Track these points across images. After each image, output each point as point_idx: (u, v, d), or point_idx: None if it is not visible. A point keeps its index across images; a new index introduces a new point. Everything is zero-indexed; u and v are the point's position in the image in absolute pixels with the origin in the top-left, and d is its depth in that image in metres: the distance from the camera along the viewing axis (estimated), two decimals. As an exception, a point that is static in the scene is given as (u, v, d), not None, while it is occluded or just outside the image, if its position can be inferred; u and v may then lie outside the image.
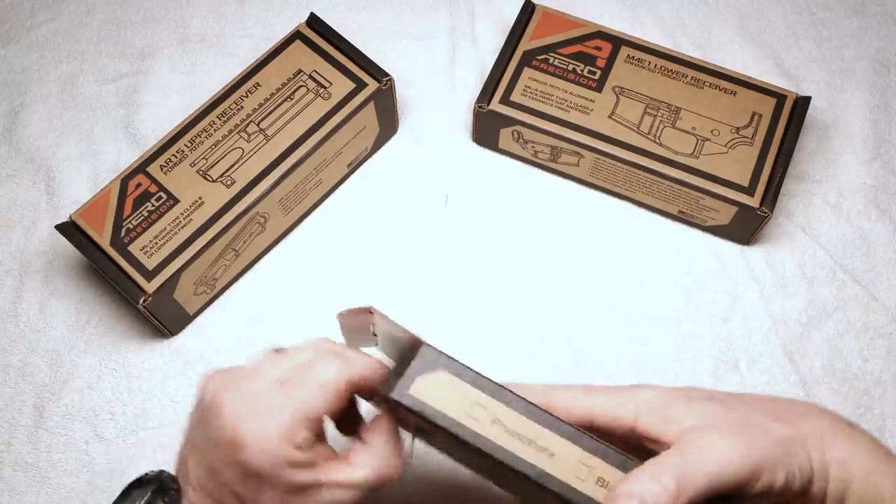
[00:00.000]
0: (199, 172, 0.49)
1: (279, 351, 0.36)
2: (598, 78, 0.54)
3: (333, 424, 0.37)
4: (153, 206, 0.48)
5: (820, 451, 0.31)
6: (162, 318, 0.49)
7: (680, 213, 0.54)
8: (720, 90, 0.53)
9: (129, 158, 0.55)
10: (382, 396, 0.33)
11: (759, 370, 0.50)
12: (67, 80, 0.60)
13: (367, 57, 0.53)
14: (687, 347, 0.50)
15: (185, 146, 0.50)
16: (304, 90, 0.52)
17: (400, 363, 0.33)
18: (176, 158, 0.50)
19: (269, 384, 0.34)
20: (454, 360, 0.33)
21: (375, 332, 0.37)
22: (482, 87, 0.54)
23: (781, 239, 0.54)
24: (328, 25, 0.54)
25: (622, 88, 0.53)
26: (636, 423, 0.32)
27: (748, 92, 0.53)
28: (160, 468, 0.36)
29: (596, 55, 0.55)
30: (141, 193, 0.49)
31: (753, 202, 0.50)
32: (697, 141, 0.52)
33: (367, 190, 0.56)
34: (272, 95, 0.52)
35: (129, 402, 0.49)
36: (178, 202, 0.48)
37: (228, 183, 0.49)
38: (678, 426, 0.31)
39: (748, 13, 0.63)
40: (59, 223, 0.48)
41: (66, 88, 0.60)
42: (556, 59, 0.54)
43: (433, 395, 0.32)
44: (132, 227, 0.48)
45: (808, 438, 0.31)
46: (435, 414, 0.32)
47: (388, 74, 0.52)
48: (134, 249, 0.47)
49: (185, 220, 0.48)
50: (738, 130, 0.52)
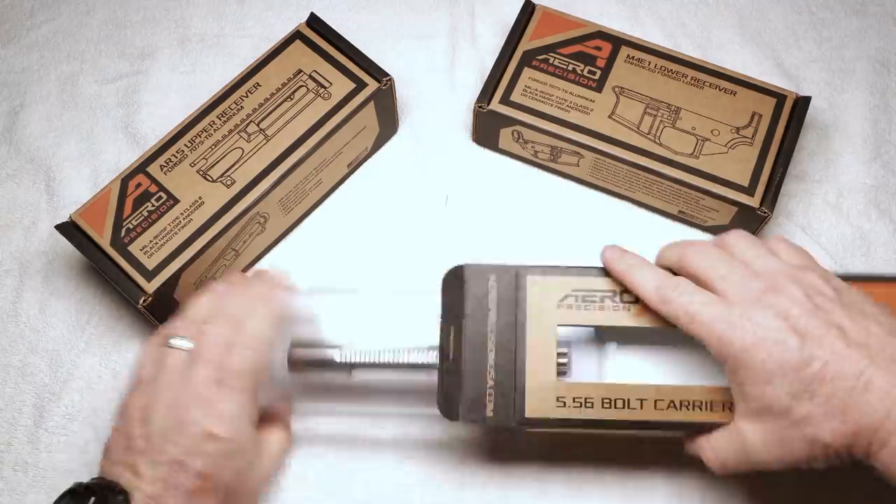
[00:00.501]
0: (199, 172, 0.49)
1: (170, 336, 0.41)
2: (598, 78, 0.54)
3: None
4: (153, 206, 0.48)
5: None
6: (162, 318, 0.48)
7: (680, 213, 0.54)
8: (720, 90, 0.53)
9: (129, 158, 0.55)
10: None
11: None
12: (67, 80, 0.60)
13: (367, 57, 0.53)
14: (687, 347, 0.50)
15: (185, 146, 0.50)
16: (304, 90, 0.52)
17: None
18: (176, 158, 0.50)
19: (208, 380, 0.39)
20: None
21: None
22: (482, 87, 0.54)
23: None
24: (328, 25, 0.54)
25: (622, 88, 0.53)
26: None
27: (748, 92, 0.53)
28: (82, 482, 0.38)
29: (596, 55, 0.55)
30: (141, 193, 0.49)
31: (753, 202, 0.50)
32: (697, 141, 0.52)
33: (367, 190, 0.56)
34: (272, 95, 0.52)
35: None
36: (178, 202, 0.48)
37: (228, 183, 0.49)
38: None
39: (748, 13, 0.63)
40: (59, 223, 0.48)
41: (66, 88, 0.60)
42: (556, 59, 0.54)
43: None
44: (132, 227, 0.48)
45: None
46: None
47: (388, 74, 0.52)
48: (134, 249, 0.47)
49: (185, 220, 0.48)
50: (738, 130, 0.52)
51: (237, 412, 0.39)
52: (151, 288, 0.46)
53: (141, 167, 0.50)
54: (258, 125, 0.51)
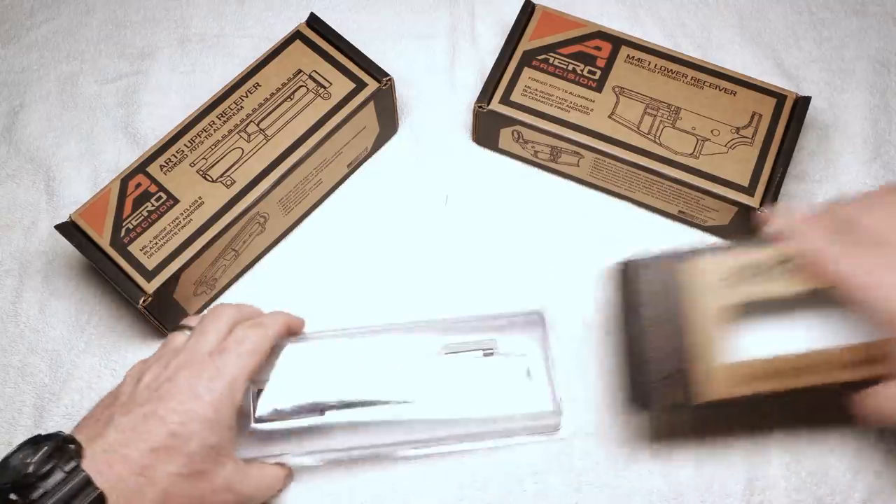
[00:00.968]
0: (199, 172, 0.49)
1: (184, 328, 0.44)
2: (598, 78, 0.54)
3: None
4: (153, 206, 0.48)
5: None
6: (162, 318, 0.49)
7: (680, 213, 0.54)
8: (720, 90, 0.53)
9: (128, 158, 0.55)
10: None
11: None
12: (67, 80, 0.60)
13: (367, 57, 0.53)
14: (687, 347, 0.50)
15: (184, 146, 0.50)
16: (304, 90, 0.52)
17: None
18: (176, 158, 0.50)
19: (207, 348, 0.41)
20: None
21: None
22: (482, 87, 0.54)
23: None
24: (328, 25, 0.54)
25: (622, 88, 0.53)
26: None
27: (748, 92, 0.53)
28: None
29: (596, 55, 0.55)
30: (141, 193, 0.49)
31: (753, 202, 0.50)
32: (697, 141, 0.52)
33: (367, 190, 0.56)
34: (272, 95, 0.52)
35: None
36: (177, 202, 0.48)
37: (228, 183, 0.49)
38: None
39: (748, 13, 0.63)
40: (58, 223, 0.48)
41: (65, 88, 0.60)
42: (556, 59, 0.54)
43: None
44: (132, 227, 0.48)
45: None
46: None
47: (388, 74, 0.52)
48: (134, 249, 0.47)
49: (185, 220, 0.48)
50: (738, 130, 0.52)
51: (224, 381, 0.40)
52: (151, 288, 0.46)
53: (141, 167, 0.50)
54: (258, 125, 0.51)
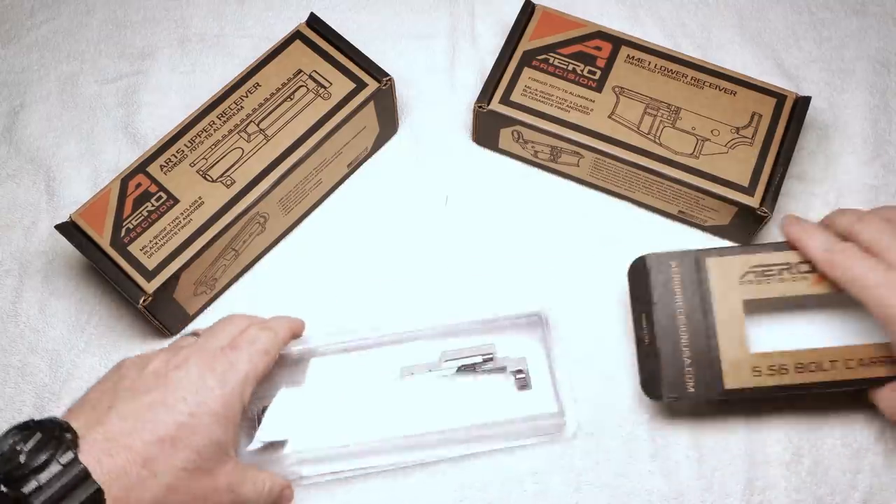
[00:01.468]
0: (199, 172, 0.49)
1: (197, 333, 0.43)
2: (598, 78, 0.54)
3: None
4: (153, 206, 0.48)
5: None
6: (162, 318, 0.49)
7: (680, 213, 0.54)
8: (720, 90, 0.53)
9: (129, 158, 0.55)
10: None
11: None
12: (67, 80, 0.60)
13: (367, 57, 0.53)
14: (687, 347, 0.50)
15: (185, 146, 0.50)
16: (304, 90, 0.52)
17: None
18: (176, 158, 0.50)
19: (218, 346, 0.40)
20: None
21: None
22: (482, 87, 0.54)
23: (781, 239, 0.53)
24: (328, 25, 0.54)
25: (622, 88, 0.53)
26: None
27: (748, 92, 0.53)
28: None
29: (596, 55, 0.55)
30: (141, 193, 0.49)
31: (753, 202, 0.50)
32: (697, 141, 0.52)
33: (367, 190, 0.56)
34: (272, 95, 0.52)
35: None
36: (178, 202, 0.48)
37: (228, 183, 0.49)
38: None
39: (748, 13, 0.63)
40: (58, 223, 0.48)
41: (66, 88, 0.60)
42: (556, 59, 0.54)
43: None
44: (132, 227, 0.48)
45: None
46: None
47: (388, 74, 0.52)
48: (134, 249, 0.47)
49: (185, 220, 0.48)
50: (738, 130, 0.52)
51: (236, 376, 0.38)
52: (151, 288, 0.46)
53: (141, 167, 0.50)
54: (258, 125, 0.51)
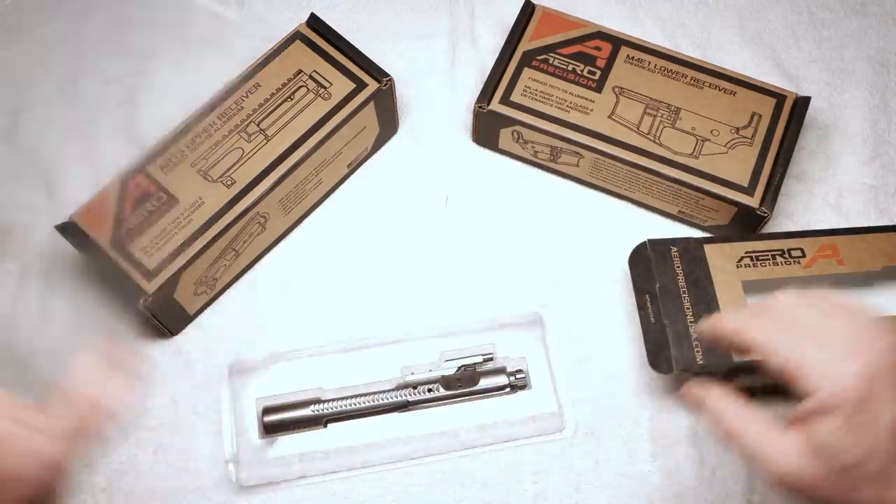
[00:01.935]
0: (199, 173, 0.49)
1: None
2: (597, 78, 0.54)
3: None
4: (153, 206, 0.48)
5: None
6: (162, 318, 0.49)
7: (680, 213, 0.54)
8: (720, 90, 0.53)
9: (129, 158, 0.55)
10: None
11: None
12: (68, 80, 0.60)
13: (367, 57, 0.53)
14: (687, 347, 0.50)
15: (185, 146, 0.50)
16: (304, 90, 0.52)
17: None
18: (176, 159, 0.50)
19: None
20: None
21: None
22: (482, 87, 0.54)
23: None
24: (328, 26, 0.54)
25: (622, 88, 0.53)
26: None
27: (748, 92, 0.53)
28: None
29: (596, 55, 0.55)
30: (141, 193, 0.49)
31: (753, 202, 0.50)
32: (697, 141, 0.52)
33: (367, 190, 0.56)
34: (272, 96, 0.52)
35: (129, 401, 0.49)
36: (178, 202, 0.48)
37: (228, 183, 0.49)
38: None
39: (748, 13, 0.63)
40: (59, 223, 0.48)
41: (66, 89, 0.60)
42: (555, 59, 0.54)
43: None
44: (132, 227, 0.48)
45: None
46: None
47: (388, 74, 0.52)
48: (134, 249, 0.47)
49: (185, 220, 0.48)
50: (737, 130, 0.52)
51: None
52: (151, 288, 0.46)
53: (141, 167, 0.50)
54: (258, 125, 0.51)
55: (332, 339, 0.50)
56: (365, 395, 0.46)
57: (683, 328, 0.46)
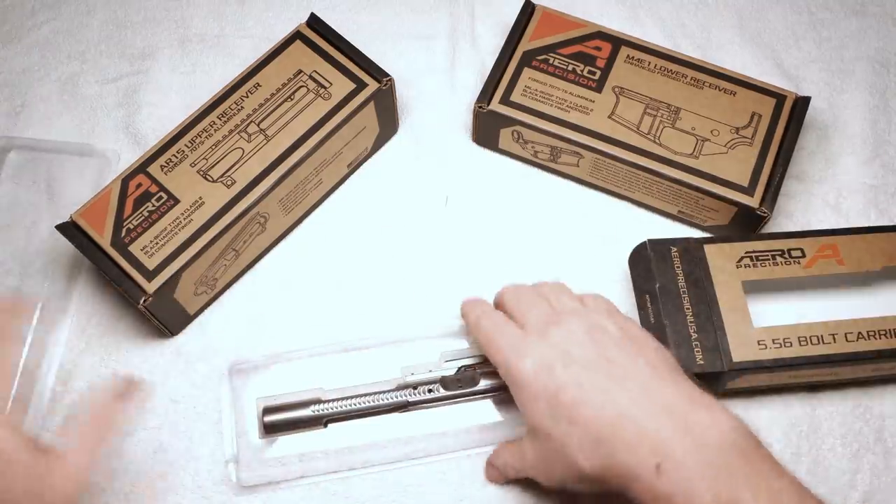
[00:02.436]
0: (199, 172, 0.49)
1: None
2: (597, 78, 0.54)
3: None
4: (153, 206, 0.48)
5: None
6: (162, 318, 0.49)
7: (679, 213, 0.54)
8: (720, 90, 0.53)
9: (129, 158, 0.55)
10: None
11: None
12: (68, 80, 0.60)
13: (367, 57, 0.53)
14: (687, 347, 0.50)
15: (185, 146, 0.50)
16: (304, 90, 0.52)
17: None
18: (176, 158, 0.50)
19: None
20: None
21: None
22: (482, 87, 0.54)
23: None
24: (328, 26, 0.54)
25: (622, 88, 0.53)
26: None
27: (748, 92, 0.53)
28: None
29: (596, 55, 0.55)
30: (141, 194, 0.49)
31: (753, 202, 0.50)
32: (697, 141, 0.52)
33: (367, 190, 0.56)
34: (272, 96, 0.52)
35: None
36: (178, 202, 0.48)
37: (229, 183, 0.49)
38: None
39: (748, 13, 0.63)
40: (59, 223, 0.48)
41: (66, 88, 0.60)
42: (555, 59, 0.54)
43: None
44: (132, 227, 0.48)
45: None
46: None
47: (388, 75, 0.52)
48: (134, 249, 0.47)
49: (185, 220, 0.48)
50: (737, 130, 0.52)
51: None
52: (152, 288, 0.46)
53: (141, 167, 0.50)
54: (258, 125, 0.51)
55: (332, 339, 0.50)
56: (365, 395, 0.46)
57: (683, 328, 0.46)
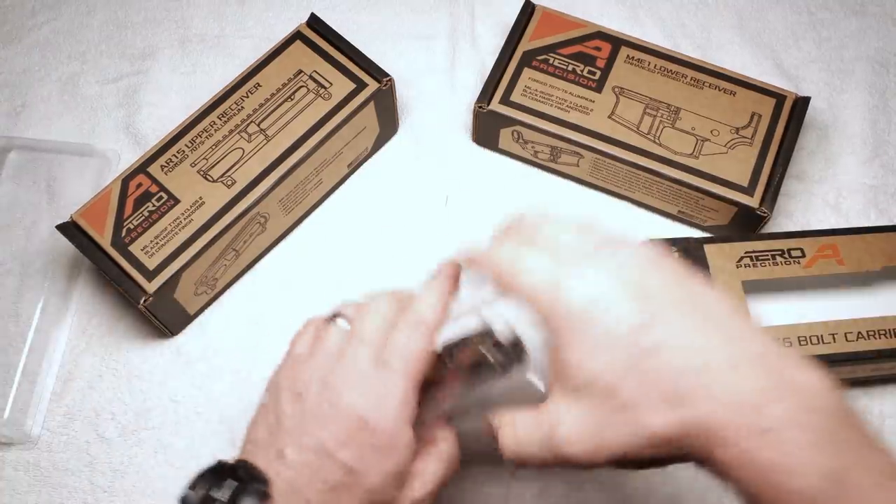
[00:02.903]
0: (199, 172, 0.49)
1: (334, 318, 0.37)
2: (597, 78, 0.54)
3: None
4: (154, 206, 0.48)
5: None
6: (162, 318, 0.49)
7: (679, 213, 0.54)
8: (720, 90, 0.53)
9: (129, 158, 0.55)
10: None
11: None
12: (68, 80, 0.60)
13: (367, 57, 0.53)
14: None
15: (185, 146, 0.50)
16: (304, 90, 0.52)
17: None
18: (176, 159, 0.50)
19: (368, 359, 0.35)
20: None
21: None
22: (482, 87, 0.54)
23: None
24: (328, 26, 0.54)
25: (622, 88, 0.53)
26: None
27: (748, 92, 0.53)
28: (226, 460, 0.34)
29: (596, 55, 0.55)
30: (142, 194, 0.49)
31: (753, 202, 0.50)
32: (697, 141, 0.52)
33: (367, 190, 0.56)
34: (272, 96, 0.52)
35: (129, 401, 0.49)
36: (178, 202, 0.48)
37: (229, 183, 0.49)
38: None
39: (748, 13, 0.63)
40: (59, 223, 0.48)
41: (66, 89, 0.60)
42: (555, 59, 0.54)
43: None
44: (133, 227, 0.48)
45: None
46: None
47: (388, 75, 0.52)
48: (135, 249, 0.47)
49: (185, 220, 0.48)
50: (737, 130, 0.52)
51: (394, 401, 0.33)
52: (152, 288, 0.46)
53: (141, 167, 0.50)
54: (258, 125, 0.51)
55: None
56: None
57: None
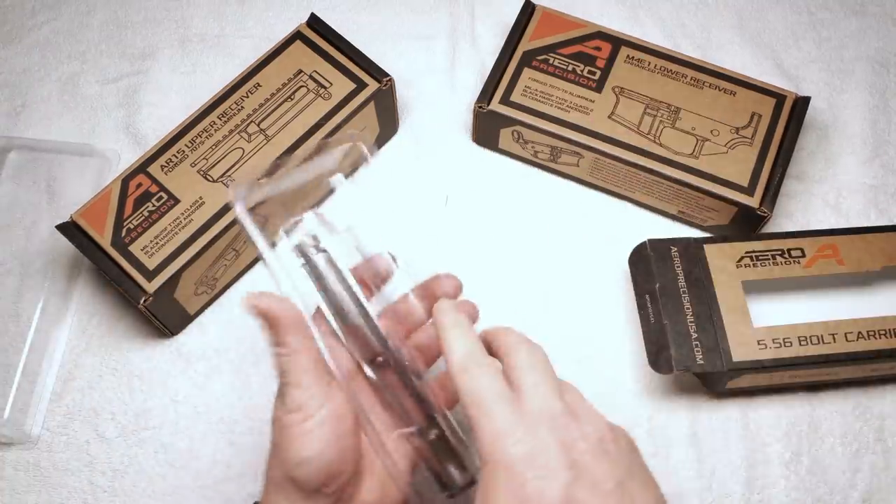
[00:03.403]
0: (199, 172, 0.49)
1: None
2: (597, 78, 0.54)
3: None
4: (154, 206, 0.48)
5: None
6: (162, 318, 0.49)
7: (679, 213, 0.54)
8: (720, 90, 0.53)
9: (129, 158, 0.55)
10: None
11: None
12: (68, 80, 0.60)
13: (367, 57, 0.53)
14: (687, 347, 0.50)
15: (185, 146, 0.50)
16: (304, 90, 0.52)
17: None
18: (177, 158, 0.50)
19: None
20: None
21: None
22: (482, 87, 0.54)
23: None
24: (328, 26, 0.54)
25: (622, 88, 0.53)
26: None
27: (748, 92, 0.53)
28: None
29: (596, 55, 0.55)
30: (142, 193, 0.49)
31: (753, 202, 0.50)
32: (697, 141, 0.52)
33: (367, 190, 0.56)
34: (273, 96, 0.52)
35: (129, 401, 0.49)
36: (178, 202, 0.48)
37: (229, 183, 0.49)
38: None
39: (748, 13, 0.63)
40: (59, 223, 0.48)
41: (66, 88, 0.60)
42: (555, 59, 0.54)
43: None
44: (133, 227, 0.48)
45: None
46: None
47: (388, 75, 0.52)
48: (135, 249, 0.47)
49: (185, 220, 0.48)
50: (737, 130, 0.52)
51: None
52: (152, 288, 0.46)
53: (141, 167, 0.50)
54: (259, 125, 0.51)
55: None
56: None
57: (683, 328, 0.46)
